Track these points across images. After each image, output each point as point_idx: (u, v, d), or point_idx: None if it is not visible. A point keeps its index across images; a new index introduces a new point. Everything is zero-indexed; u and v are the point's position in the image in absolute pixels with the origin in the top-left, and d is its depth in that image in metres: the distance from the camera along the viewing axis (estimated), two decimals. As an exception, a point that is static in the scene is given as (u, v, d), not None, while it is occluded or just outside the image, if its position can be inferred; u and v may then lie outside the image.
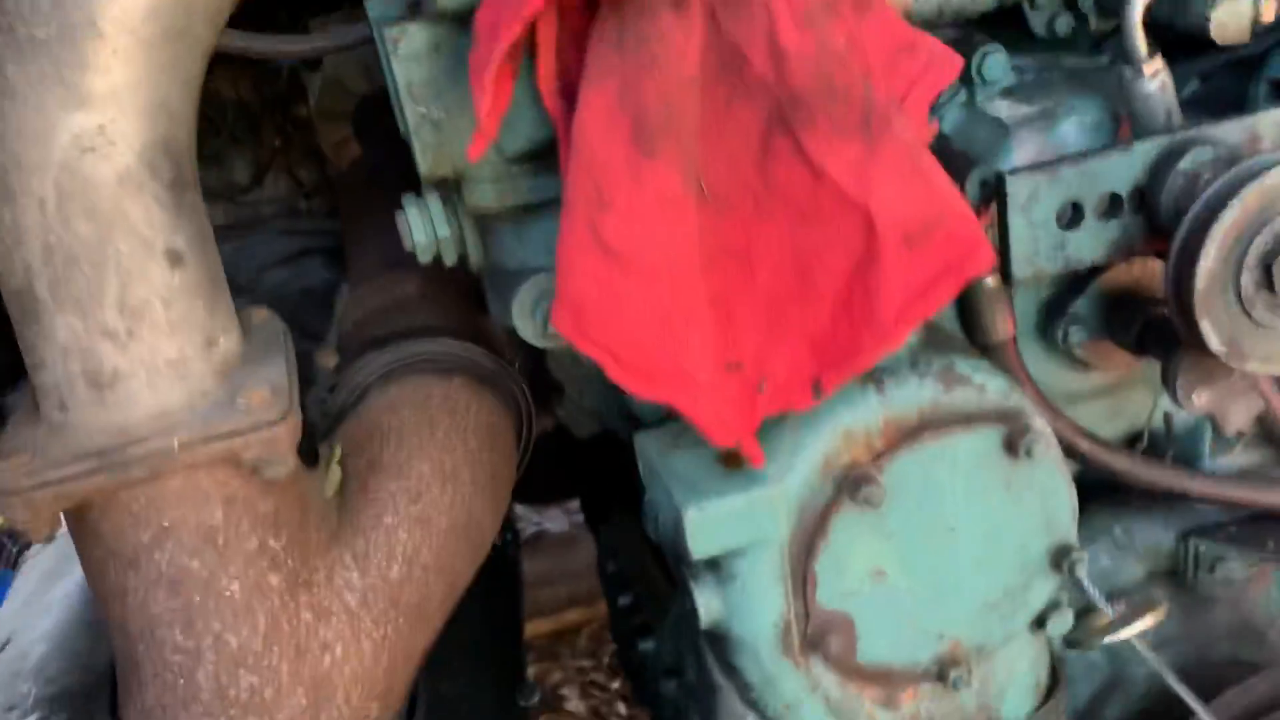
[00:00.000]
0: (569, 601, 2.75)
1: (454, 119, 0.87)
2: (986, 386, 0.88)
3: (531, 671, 2.53)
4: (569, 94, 0.78)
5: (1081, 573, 0.92)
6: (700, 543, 0.85)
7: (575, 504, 2.36)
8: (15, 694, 1.21)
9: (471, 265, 1.00)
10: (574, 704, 2.55)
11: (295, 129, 1.99)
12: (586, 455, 1.48)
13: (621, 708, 2.52)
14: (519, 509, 2.73)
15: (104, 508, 0.82)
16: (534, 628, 2.67)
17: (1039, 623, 0.96)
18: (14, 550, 2.06)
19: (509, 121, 0.84)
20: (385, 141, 1.06)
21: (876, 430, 0.86)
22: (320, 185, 2.01)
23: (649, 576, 1.41)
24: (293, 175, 2.02)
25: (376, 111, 0.92)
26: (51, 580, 1.51)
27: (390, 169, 1.08)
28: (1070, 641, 1.07)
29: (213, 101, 1.88)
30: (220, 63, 1.90)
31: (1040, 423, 0.89)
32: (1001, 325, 0.97)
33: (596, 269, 0.74)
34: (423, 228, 0.97)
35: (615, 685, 2.58)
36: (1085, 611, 1.05)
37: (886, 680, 0.93)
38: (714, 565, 0.89)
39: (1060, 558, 0.92)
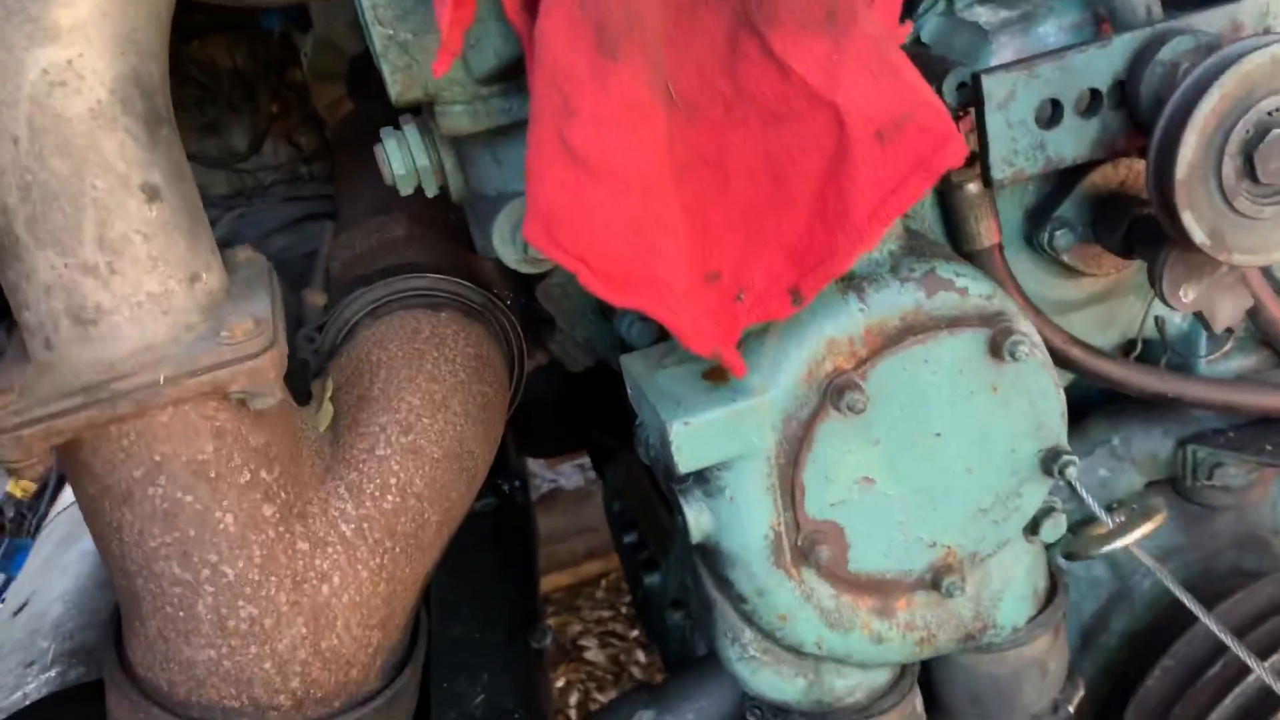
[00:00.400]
0: (586, 555, 2.77)
1: (421, 39, 0.86)
2: (969, 290, 0.87)
3: (551, 624, 2.55)
4: (532, 7, 0.78)
5: (1073, 475, 0.91)
6: (686, 457, 0.85)
7: (589, 460, 2.37)
8: (35, 650, 1.23)
9: (453, 195, 1.00)
10: (593, 654, 2.58)
11: (292, 94, 1.99)
12: (586, 394, 1.48)
13: (640, 655, 2.54)
14: (532, 465, 2.75)
15: (94, 444, 0.83)
16: (552, 581, 2.70)
17: (1033, 528, 0.96)
18: (33, 520, 2.10)
19: (475, 40, 0.84)
20: (378, 97, 1.06)
21: (859, 337, 0.86)
22: (319, 150, 2.01)
23: (652, 512, 1.42)
24: (291, 141, 2.02)
25: (370, 68, 0.93)
26: (68, 544, 1.53)
27: (383, 123, 1.08)
28: (1069, 552, 1.07)
29: (208, 70, 1.88)
30: (213, 29, 1.89)
31: (1025, 325, 0.88)
32: (986, 231, 0.96)
33: (565, 177, 0.74)
34: (401, 159, 0.97)
35: (634, 634, 2.60)
36: (1083, 521, 1.05)
37: (880, 589, 0.93)
38: (702, 480, 0.89)
39: (1051, 461, 0.91)
